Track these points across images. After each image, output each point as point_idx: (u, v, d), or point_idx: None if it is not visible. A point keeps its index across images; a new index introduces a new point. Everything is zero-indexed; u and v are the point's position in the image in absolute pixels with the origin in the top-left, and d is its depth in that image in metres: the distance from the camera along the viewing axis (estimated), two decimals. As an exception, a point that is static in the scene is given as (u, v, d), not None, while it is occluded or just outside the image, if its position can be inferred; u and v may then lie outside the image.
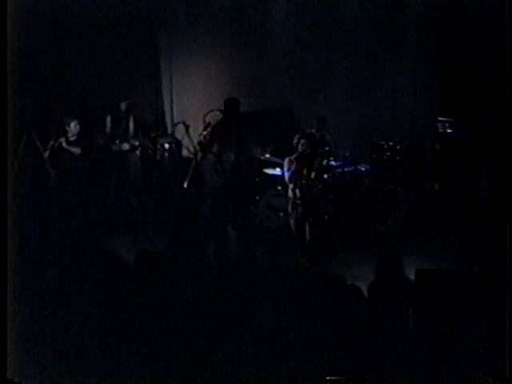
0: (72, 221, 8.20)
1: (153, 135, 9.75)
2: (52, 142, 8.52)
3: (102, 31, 9.97)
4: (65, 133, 8.55)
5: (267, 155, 8.06)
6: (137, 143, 9.55)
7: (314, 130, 9.31)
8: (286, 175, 7.67)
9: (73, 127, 8.54)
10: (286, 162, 7.68)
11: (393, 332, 4.91)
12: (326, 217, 8.16)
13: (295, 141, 8.00)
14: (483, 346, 4.19)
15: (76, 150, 8.55)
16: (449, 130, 8.56)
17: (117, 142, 9.46)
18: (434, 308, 6.37)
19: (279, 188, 8.70)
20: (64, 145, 8.52)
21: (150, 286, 4.70)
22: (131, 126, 9.58)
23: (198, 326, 4.35)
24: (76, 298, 4.64)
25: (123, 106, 9.56)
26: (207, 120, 7.88)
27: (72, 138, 8.57)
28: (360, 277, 5.77)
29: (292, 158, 7.65)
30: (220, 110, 8.05)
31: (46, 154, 8.51)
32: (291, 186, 7.63)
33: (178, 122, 8.81)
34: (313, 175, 7.53)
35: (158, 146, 10.03)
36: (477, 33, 9.04)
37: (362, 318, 4.67)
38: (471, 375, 4.01)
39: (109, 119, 9.55)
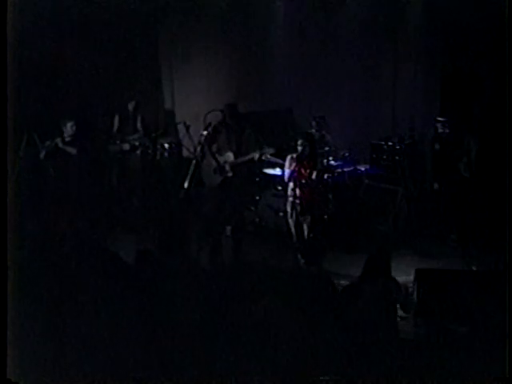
0: (71, 221, 8.20)
1: (153, 135, 9.75)
2: (48, 142, 8.54)
3: (102, 32, 9.96)
4: (61, 133, 8.57)
5: (268, 155, 8.05)
6: (137, 143, 9.55)
7: (313, 130, 9.32)
8: (286, 174, 7.67)
9: (69, 128, 8.57)
10: (287, 160, 7.68)
11: (392, 332, 4.92)
12: (325, 217, 8.16)
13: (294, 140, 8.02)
14: (483, 346, 4.19)
15: (72, 150, 8.58)
16: (448, 130, 8.56)
17: (117, 142, 9.45)
18: (433, 308, 6.39)
19: (279, 188, 8.70)
20: (60, 145, 8.54)
21: (149, 286, 4.70)
22: (139, 125, 9.58)
23: (197, 326, 4.35)
24: (76, 297, 4.64)
25: (130, 106, 9.55)
26: (208, 120, 7.89)
27: (68, 139, 8.59)
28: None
29: (293, 156, 7.64)
30: (220, 110, 8.06)
31: (43, 154, 8.53)
32: (291, 185, 7.62)
33: (179, 122, 8.80)
34: (313, 175, 7.52)
35: (158, 146, 10.03)
36: (477, 33, 9.05)
37: (361, 318, 4.67)
38: (471, 375, 4.01)
39: (117, 119, 9.55)
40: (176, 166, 10.02)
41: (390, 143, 9.75)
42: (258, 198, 9.08)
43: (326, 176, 8.22)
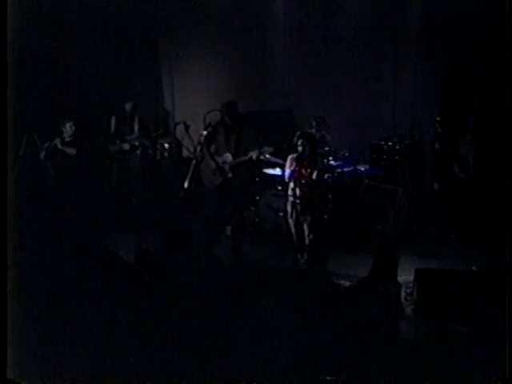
0: (71, 220, 8.20)
1: (153, 135, 9.75)
2: (48, 143, 8.53)
3: (102, 32, 9.95)
4: (60, 134, 8.57)
5: (267, 155, 8.05)
6: (137, 143, 9.55)
7: (313, 130, 9.32)
8: (286, 174, 7.67)
9: (68, 128, 8.56)
10: (288, 160, 7.67)
11: (392, 332, 4.91)
12: (325, 217, 8.16)
13: (295, 139, 8.01)
14: (483, 346, 4.19)
15: (71, 151, 8.57)
16: (448, 130, 8.56)
17: (117, 142, 9.45)
18: (433, 308, 6.39)
19: (279, 188, 8.70)
20: (59, 146, 8.53)
21: (149, 286, 4.70)
22: (136, 126, 9.57)
23: (197, 326, 4.35)
24: (76, 297, 4.64)
25: (128, 106, 9.54)
26: (207, 120, 7.89)
27: (67, 139, 8.58)
28: (359, 277, 5.77)
29: (294, 156, 7.64)
30: (220, 111, 8.06)
31: (43, 155, 8.53)
32: (291, 185, 7.62)
33: (179, 122, 8.80)
34: (314, 175, 7.51)
35: (158, 146, 10.03)
36: (477, 33, 9.05)
37: (360, 318, 4.67)
38: (471, 375, 4.01)
39: (114, 119, 9.54)
40: (176, 165, 10.02)
41: (390, 143, 9.75)
42: (258, 198, 9.07)
43: (326, 176, 8.21)
